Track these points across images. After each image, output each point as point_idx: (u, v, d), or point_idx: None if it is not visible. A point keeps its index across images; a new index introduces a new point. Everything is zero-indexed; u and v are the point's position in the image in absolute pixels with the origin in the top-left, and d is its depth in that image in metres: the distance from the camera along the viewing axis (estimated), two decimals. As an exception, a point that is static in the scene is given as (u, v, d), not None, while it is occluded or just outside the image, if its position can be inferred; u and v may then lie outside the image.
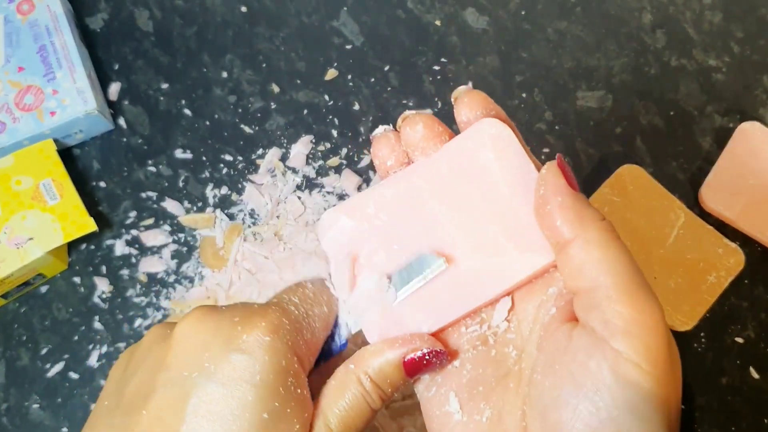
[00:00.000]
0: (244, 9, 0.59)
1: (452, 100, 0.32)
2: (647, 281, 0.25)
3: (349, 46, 0.59)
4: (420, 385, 0.30)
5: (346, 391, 0.28)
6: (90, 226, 0.49)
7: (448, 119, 0.32)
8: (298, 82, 0.57)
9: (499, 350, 0.29)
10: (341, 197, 0.54)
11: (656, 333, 0.24)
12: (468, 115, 0.31)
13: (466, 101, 0.31)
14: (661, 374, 0.24)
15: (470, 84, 0.31)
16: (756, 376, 0.52)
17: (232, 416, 0.25)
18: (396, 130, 0.32)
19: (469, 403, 0.28)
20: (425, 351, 0.28)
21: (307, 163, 0.55)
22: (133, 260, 0.51)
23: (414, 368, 0.28)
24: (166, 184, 0.53)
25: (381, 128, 0.33)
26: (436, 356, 0.28)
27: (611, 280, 0.25)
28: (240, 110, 0.56)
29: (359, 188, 0.54)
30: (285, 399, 0.26)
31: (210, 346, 0.26)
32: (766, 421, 0.51)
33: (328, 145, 0.55)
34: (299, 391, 0.27)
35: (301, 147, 0.55)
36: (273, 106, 0.56)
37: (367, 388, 0.28)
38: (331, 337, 0.32)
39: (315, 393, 0.29)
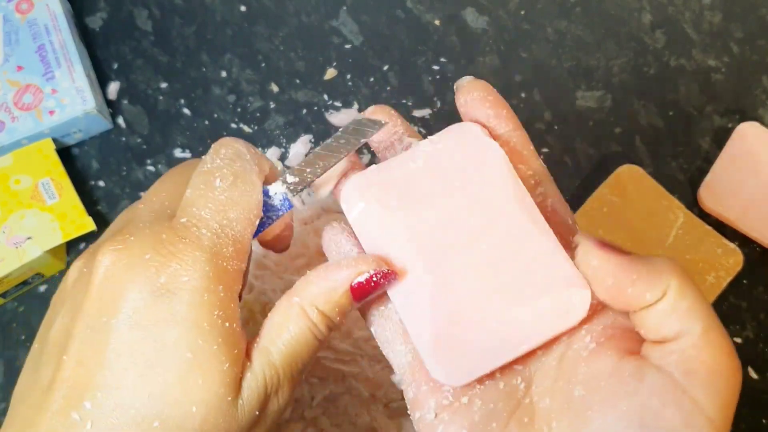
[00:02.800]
0: (243, 8, 0.59)
1: (455, 89, 0.31)
2: (723, 327, 0.24)
3: (348, 46, 0.59)
4: (423, 417, 0.28)
5: (290, 325, 0.27)
6: (89, 225, 0.49)
7: (447, 119, 0.32)
8: (298, 81, 0.57)
9: (506, 382, 0.28)
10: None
11: (732, 385, 0.24)
12: (466, 98, 0.30)
13: (466, 87, 0.30)
14: (726, 428, 0.23)
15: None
16: (755, 376, 0.52)
17: (154, 358, 0.24)
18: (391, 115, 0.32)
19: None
20: (372, 272, 0.27)
21: (306, 163, 0.55)
22: (132, 260, 0.51)
23: (362, 292, 0.27)
24: (165, 184, 0.53)
25: (373, 108, 0.32)
26: (384, 277, 0.27)
27: (699, 328, 0.24)
28: (239, 110, 0.56)
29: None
30: (210, 335, 0.25)
31: (126, 289, 0.25)
32: (764, 421, 0.51)
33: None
34: (227, 324, 0.26)
35: (300, 147, 0.55)
36: (272, 105, 0.56)
37: (314, 320, 0.27)
38: (264, 210, 0.29)
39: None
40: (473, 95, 0.30)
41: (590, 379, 0.25)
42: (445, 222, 0.28)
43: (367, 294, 0.27)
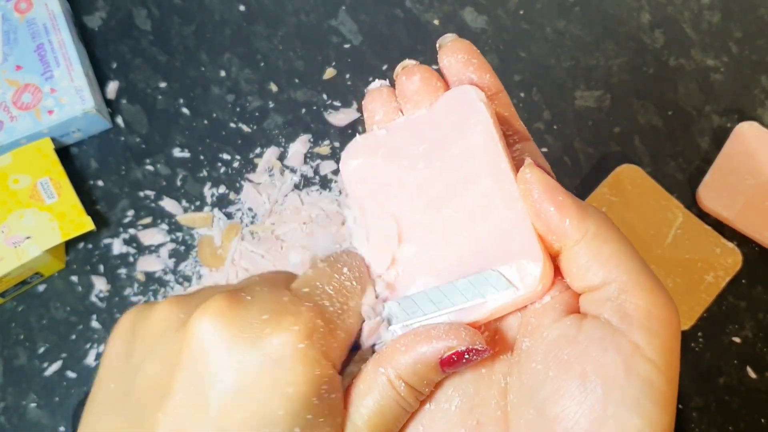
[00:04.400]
0: (242, 8, 0.59)
1: (437, 47, 0.31)
2: (654, 274, 0.25)
3: (347, 45, 0.59)
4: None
5: (376, 396, 0.25)
6: (87, 225, 0.49)
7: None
8: (297, 81, 0.57)
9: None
10: (339, 196, 0.54)
11: (673, 331, 0.23)
12: (449, 59, 0.30)
13: (449, 46, 0.30)
14: (672, 376, 0.23)
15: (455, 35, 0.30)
16: (753, 375, 0.52)
17: (255, 424, 0.23)
18: (392, 87, 0.31)
19: (436, 389, 0.27)
20: (464, 349, 0.25)
21: (305, 162, 0.55)
22: (131, 259, 0.51)
23: (452, 365, 0.25)
24: (164, 183, 0.53)
25: (377, 82, 0.32)
26: (476, 354, 0.25)
27: (626, 275, 0.24)
28: (238, 109, 0.56)
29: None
30: (318, 409, 0.24)
31: (235, 348, 0.23)
32: (763, 420, 0.52)
33: (327, 144, 0.55)
34: (333, 396, 0.25)
35: (299, 146, 0.55)
36: (271, 105, 0.56)
37: (401, 392, 0.25)
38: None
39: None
40: (457, 57, 0.30)
41: (536, 330, 0.26)
42: (423, 184, 0.29)
43: (457, 367, 0.25)
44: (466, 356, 0.25)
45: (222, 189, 0.53)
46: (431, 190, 0.29)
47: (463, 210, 0.28)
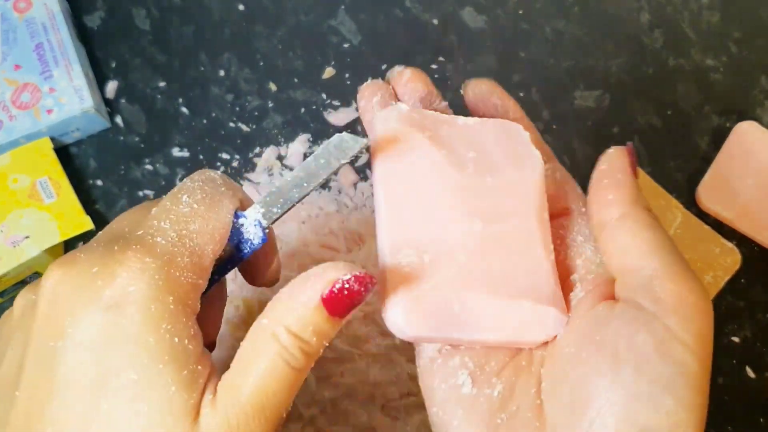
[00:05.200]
0: (241, 7, 0.59)
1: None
2: (690, 265, 0.25)
3: (346, 45, 0.59)
4: (423, 356, 0.28)
5: (259, 354, 0.24)
6: (86, 224, 0.49)
7: (445, 118, 0.32)
8: (296, 80, 0.57)
9: None
10: (339, 195, 0.54)
11: (706, 316, 0.24)
12: (474, 90, 0.33)
13: (473, 82, 0.33)
14: (704, 356, 0.24)
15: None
16: (752, 375, 0.52)
17: (100, 381, 0.22)
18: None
19: (480, 376, 0.27)
20: (344, 278, 0.24)
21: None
22: (130, 259, 0.51)
23: (337, 305, 0.24)
24: (163, 183, 0.53)
25: (369, 80, 0.33)
26: (359, 282, 0.24)
27: (660, 261, 0.25)
28: (237, 109, 0.56)
29: (355, 186, 0.54)
30: (155, 352, 0.23)
31: (72, 309, 0.23)
32: (762, 420, 0.52)
33: (326, 144, 0.55)
34: (176, 340, 0.23)
35: (299, 146, 0.55)
36: (270, 104, 0.56)
37: (286, 344, 0.23)
38: (238, 238, 0.28)
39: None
40: (481, 88, 0.33)
41: (571, 322, 0.27)
42: (467, 189, 0.29)
43: (344, 306, 0.24)
44: (347, 286, 0.24)
45: (221, 189, 0.53)
46: (474, 199, 0.29)
47: (498, 234, 0.28)
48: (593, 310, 0.26)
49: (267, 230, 0.28)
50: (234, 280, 0.48)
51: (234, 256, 0.28)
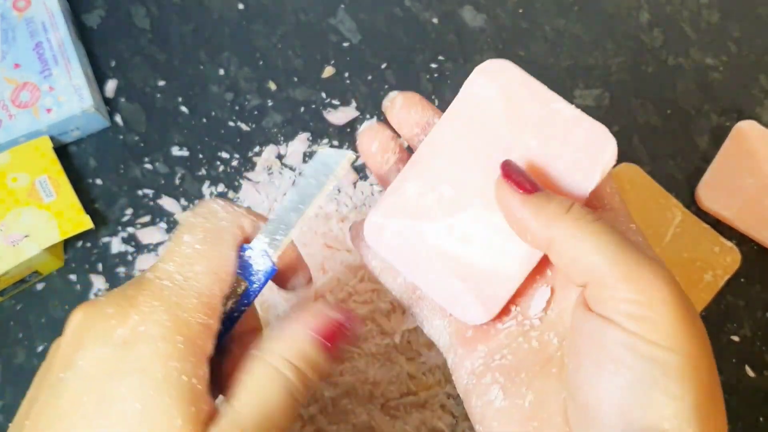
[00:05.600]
0: (241, 6, 0.59)
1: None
2: (639, 250, 0.25)
3: (346, 44, 0.59)
4: (460, 378, 0.30)
5: (263, 387, 0.25)
6: (86, 223, 0.49)
7: (444, 117, 0.32)
8: (295, 79, 0.57)
9: (540, 339, 0.29)
10: (338, 194, 0.54)
11: (668, 308, 0.24)
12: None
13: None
14: (688, 347, 0.24)
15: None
16: (751, 374, 0.52)
17: (104, 411, 0.23)
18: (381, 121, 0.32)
19: (510, 388, 0.28)
20: (337, 317, 0.27)
21: (304, 161, 0.55)
22: (130, 258, 0.51)
23: (330, 338, 0.26)
24: (163, 182, 0.53)
25: (365, 124, 0.33)
26: (348, 319, 0.27)
27: (607, 269, 0.25)
28: (237, 108, 0.56)
29: (355, 185, 0.54)
30: (162, 385, 0.24)
31: (85, 343, 0.25)
32: (761, 419, 0.52)
33: (326, 143, 0.55)
34: (184, 378, 0.24)
35: (298, 144, 0.55)
36: (270, 103, 0.56)
37: (289, 375, 0.26)
38: (248, 270, 0.28)
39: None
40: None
41: (570, 329, 0.27)
42: (445, 159, 0.30)
43: (336, 338, 0.27)
44: (339, 320, 0.27)
45: (221, 188, 0.53)
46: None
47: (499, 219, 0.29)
48: (577, 320, 0.26)
49: (275, 259, 0.29)
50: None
51: (248, 289, 0.29)
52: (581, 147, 0.29)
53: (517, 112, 0.30)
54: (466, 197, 0.30)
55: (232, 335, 0.29)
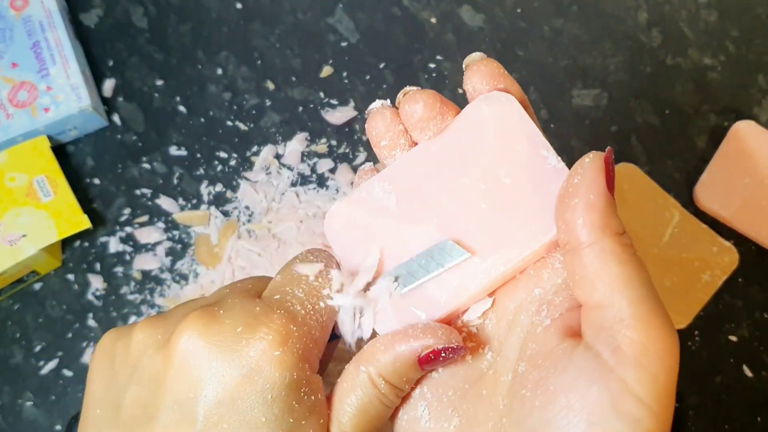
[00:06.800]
0: (239, 5, 0.59)
1: (464, 67, 0.30)
2: (662, 304, 0.23)
3: (344, 44, 0.59)
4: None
5: (358, 394, 0.26)
6: (84, 223, 0.48)
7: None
8: (294, 79, 0.57)
9: (472, 352, 0.28)
10: (336, 194, 0.54)
11: (667, 364, 0.22)
12: (474, 85, 0.29)
13: (475, 69, 0.29)
14: (662, 412, 0.22)
15: (483, 54, 0.30)
16: (749, 374, 0.52)
17: None
18: (395, 106, 0.30)
19: (437, 408, 0.27)
20: (440, 347, 0.26)
21: (302, 161, 0.55)
22: (127, 257, 0.51)
23: (429, 363, 0.26)
24: (161, 182, 0.53)
25: (378, 102, 0.31)
26: (452, 352, 0.26)
27: (626, 302, 0.23)
28: (235, 107, 0.56)
29: (353, 185, 0.54)
30: (299, 412, 0.25)
31: (215, 363, 0.24)
32: (759, 419, 0.52)
33: (324, 142, 0.55)
34: (312, 398, 0.26)
35: (296, 144, 0.55)
36: (268, 103, 0.56)
37: (382, 390, 0.26)
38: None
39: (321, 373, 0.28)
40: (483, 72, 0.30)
41: (533, 356, 0.25)
42: (425, 176, 0.29)
43: (435, 364, 0.26)
44: (443, 354, 0.26)
45: (219, 187, 0.53)
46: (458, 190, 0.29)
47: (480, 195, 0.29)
48: (554, 349, 0.25)
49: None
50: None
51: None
52: (549, 201, 0.27)
53: (504, 147, 0.29)
54: (425, 212, 0.29)
55: None
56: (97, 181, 0.53)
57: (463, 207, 0.29)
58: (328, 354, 0.31)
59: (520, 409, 0.24)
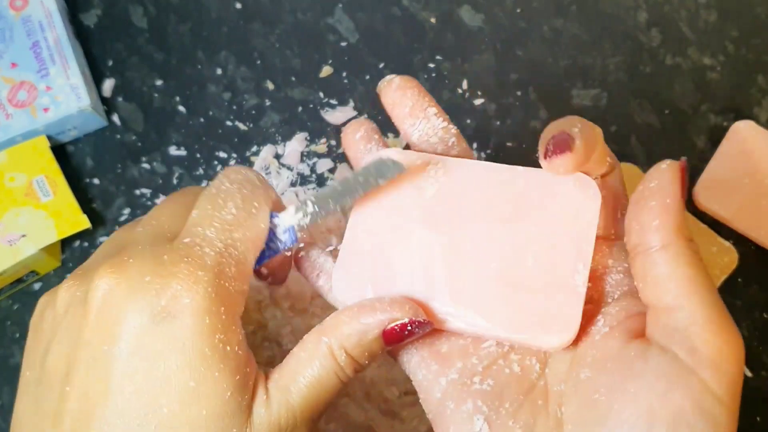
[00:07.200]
0: (238, 5, 0.59)
1: (378, 90, 0.32)
2: (725, 307, 0.24)
3: (344, 44, 0.59)
4: (432, 398, 0.28)
5: (314, 365, 0.26)
6: (83, 223, 0.48)
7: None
8: (293, 79, 0.57)
9: (521, 364, 0.27)
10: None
11: (739, 366, 0.24)
12: (393, 97, 0.31)
13: (396, 83, 0.31)
14: (735, 408, 0.24)
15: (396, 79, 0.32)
16: (749, 374, 0.52)
17: (157, 388, 0.24)
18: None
19: (496, 421, 0.26)
20: (407, 321, 0.26)
21: (302, 161, 0.55)
22: (127, 257, 0.51)
23: (394, 338, 0.26)
24: (160, 182, 0.53)
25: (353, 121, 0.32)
26: (419, 326, 0.26)
27: (699, 304, 0.24)
28: (234, 107, 0.56)
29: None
30: (212, 360, 0.24)
31: (126, 314, 0.24)
32: (759, 419, 0.52)
33: (323, 142, 0.55)
34: (228, 348, 0.25)
35: (296, 144, 0.55)
36: (268, 103, 0.56)
37: (341, 362, 0.26)
38: (270, 238, 0.29)
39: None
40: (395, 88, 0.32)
41: (597, 361, 0.25)
42: (430, 235, 0.29)
43: (400, 341, 0.26)
44: (410, 328, 0.26)
45: (218, 187, 0.53)
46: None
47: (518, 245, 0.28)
48: (623, 353, 0.25)
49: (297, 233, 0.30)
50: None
51: (262, 253, 0.29)
52: (546, 307, 0.28)
53: (552, 232, 0.29)
54: (445, 226, 0.29)
55: None
56: (96, 181, 0.53)
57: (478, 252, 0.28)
58: (281, 268, 0.31)
59: (593, 415, 0.24)
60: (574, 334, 0.26)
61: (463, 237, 0.29)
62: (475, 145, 0.56)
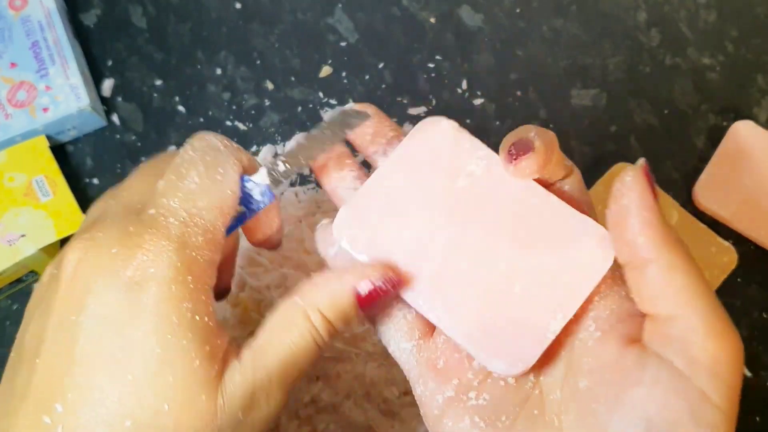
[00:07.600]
0: (238, 5, 0.59)
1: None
2: (725, 311, 0.24)
3: (343, 43, 0.59)
4: (430, 413, 0.28)
5: (290, 328, 0.26)
6: (83, 223, 0.48)
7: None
8: (293, 79, 0.57)
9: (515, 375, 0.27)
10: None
11: (737, 370, 0.24)
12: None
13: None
14: (733, 414, 0.23)
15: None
16: (748, 374, 0.52)
17: (122, 355, 0.24)
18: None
19: None
20: (380, 282, 0.27)
21: (302, 161, 0.54)
22: (127, 257, 0.51)
23: (369, 300, 0.27)
24: (160, 181, 0.53)
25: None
26: (392, 285, 0.27)
27: (695, 312, 0.24)
28: (234, 107, 0.56)
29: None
30: (178, 329, 0.24)
31: (93, 284, 0.25)
32: (759, 419, 0.52)
33: (323, 143, 0.55)
34: (197, 318, 0.25)
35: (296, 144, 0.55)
36: (267, 103, 0.56)
37: (317, 324, 0.26)
38: (245, 200, 0.29)
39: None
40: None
41: (594, 370, 0.25)
42: (441, 220, 0.29)
43: (374, 302, 0.27)
44: (383, 288, 0.27)
45: (218, 187, 0.53)
46: (450, 223, 0.29)
47: (498, 220, 0.29)
48: (620, 361, 0.25)
49: (273, 192, 0.30)
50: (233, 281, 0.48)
51: (244, 214, 0.30)
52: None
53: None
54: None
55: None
56: (96, 181, 0.53)
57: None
58: (267, 227, 0.31)
59: (593, 423, 0.24)
60: (525, 371, 0.26)
61: (470, 238, 0.28)
62: (474, 145, 0.56)
